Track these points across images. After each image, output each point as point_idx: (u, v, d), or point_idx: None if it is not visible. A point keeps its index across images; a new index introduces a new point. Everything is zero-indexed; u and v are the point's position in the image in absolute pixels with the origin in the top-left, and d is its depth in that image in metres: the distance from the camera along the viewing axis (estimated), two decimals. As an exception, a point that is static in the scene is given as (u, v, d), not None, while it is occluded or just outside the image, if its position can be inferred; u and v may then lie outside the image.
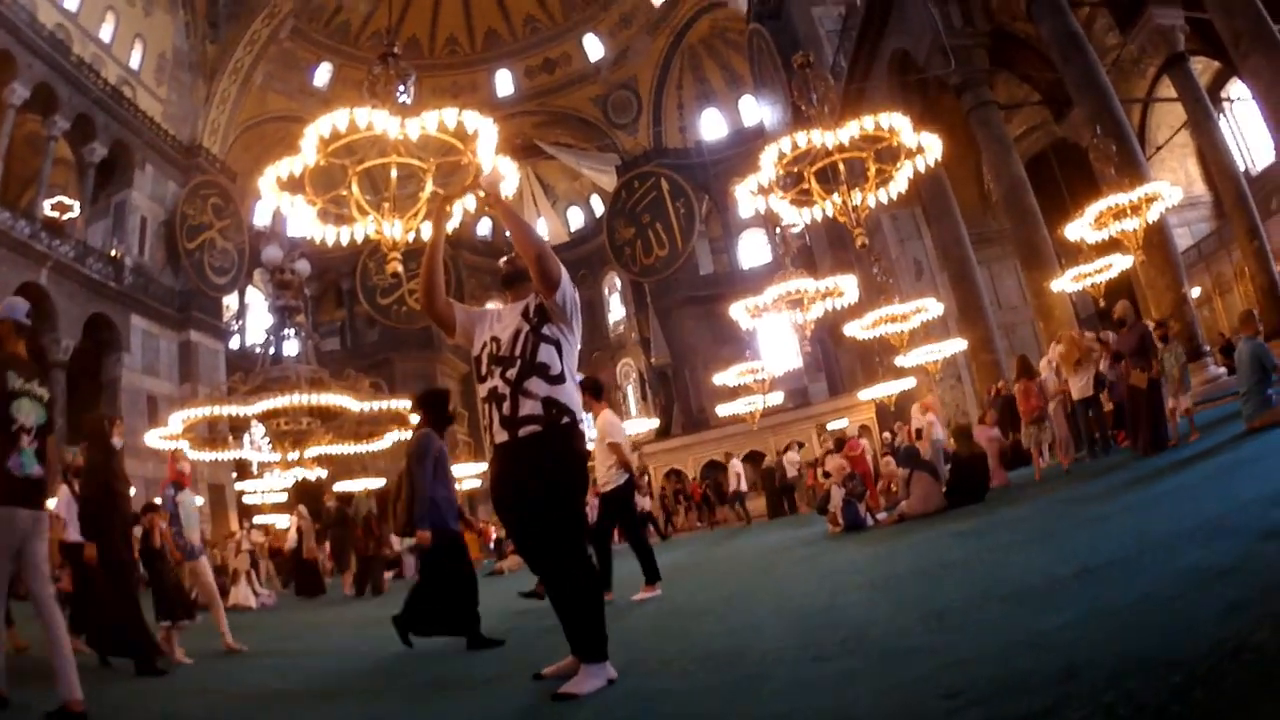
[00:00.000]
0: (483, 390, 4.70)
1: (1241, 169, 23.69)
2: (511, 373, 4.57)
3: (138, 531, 9.03)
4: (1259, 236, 20.05)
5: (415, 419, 9.10)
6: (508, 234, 4.88)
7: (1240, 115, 29.99)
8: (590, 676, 4.32)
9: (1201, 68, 24.91)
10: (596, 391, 9.76)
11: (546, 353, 4.62)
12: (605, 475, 9.65)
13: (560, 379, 4.61)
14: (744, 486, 28.86)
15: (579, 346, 4.95)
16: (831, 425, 33.57)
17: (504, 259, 5.19)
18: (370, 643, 8.31)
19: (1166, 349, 12.57)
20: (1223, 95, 29.23)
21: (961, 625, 4.41)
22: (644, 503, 26.98)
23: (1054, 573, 5.28)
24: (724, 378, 29.91)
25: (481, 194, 5.78)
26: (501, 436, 4.56)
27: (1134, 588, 4.21)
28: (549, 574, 4.62)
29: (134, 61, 40.86)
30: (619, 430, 9.72)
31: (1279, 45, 13.87)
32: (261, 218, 41.54)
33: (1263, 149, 28.67)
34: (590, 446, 8.68)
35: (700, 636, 5.91)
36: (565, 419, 4.55)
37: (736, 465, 29.72)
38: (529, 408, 4.50)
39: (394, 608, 7.66)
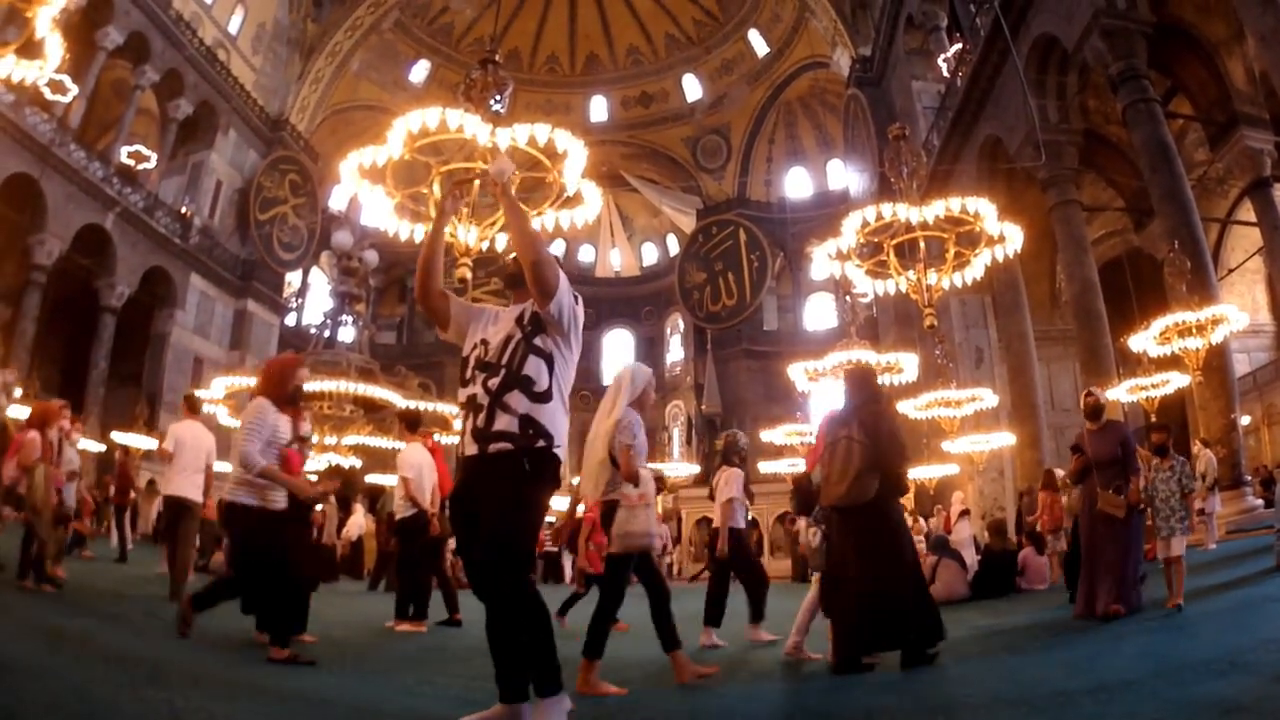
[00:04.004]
0: (462, 395, 4.37)
1: (1310, 302, 23.52)
2: (494, 382, 4.26)
3: None
4: (1318, 373, 19.83)
5: None
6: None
7: (1316, 247, 29.80)
8: (550, 712, 4.06)
9: (1284, 195, 24.75)
10: (412, 425, 11.07)
11: (534, 366, 4.28)
12: (399, 505, 10.20)
13: (545, 397, 4.26)
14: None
15: (574, 365, 4.55)
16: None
17: (512, 255, 4.72)
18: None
19: (1163, 464, 9.21)
20: (1301, 225, 29.08)
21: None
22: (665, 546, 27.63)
23: (1067, 686, 5.26)
24: (771, 435, 29.85)
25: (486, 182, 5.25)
26: (470, 449, 4.23)
27: (1144, 712, 4.20)
28: (492, 603, 4.10)
29: (233, 26, 41.19)
30: (413, 466, 10.08)
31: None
32: (337, 202, 41.67)
33: (1336, 286, 28.48)
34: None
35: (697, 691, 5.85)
36: (540, 442, 4.20)
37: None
38: (504, 423, 4.17)
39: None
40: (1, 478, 9.99)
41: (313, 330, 28.19)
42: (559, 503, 12.67)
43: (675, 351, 60.00)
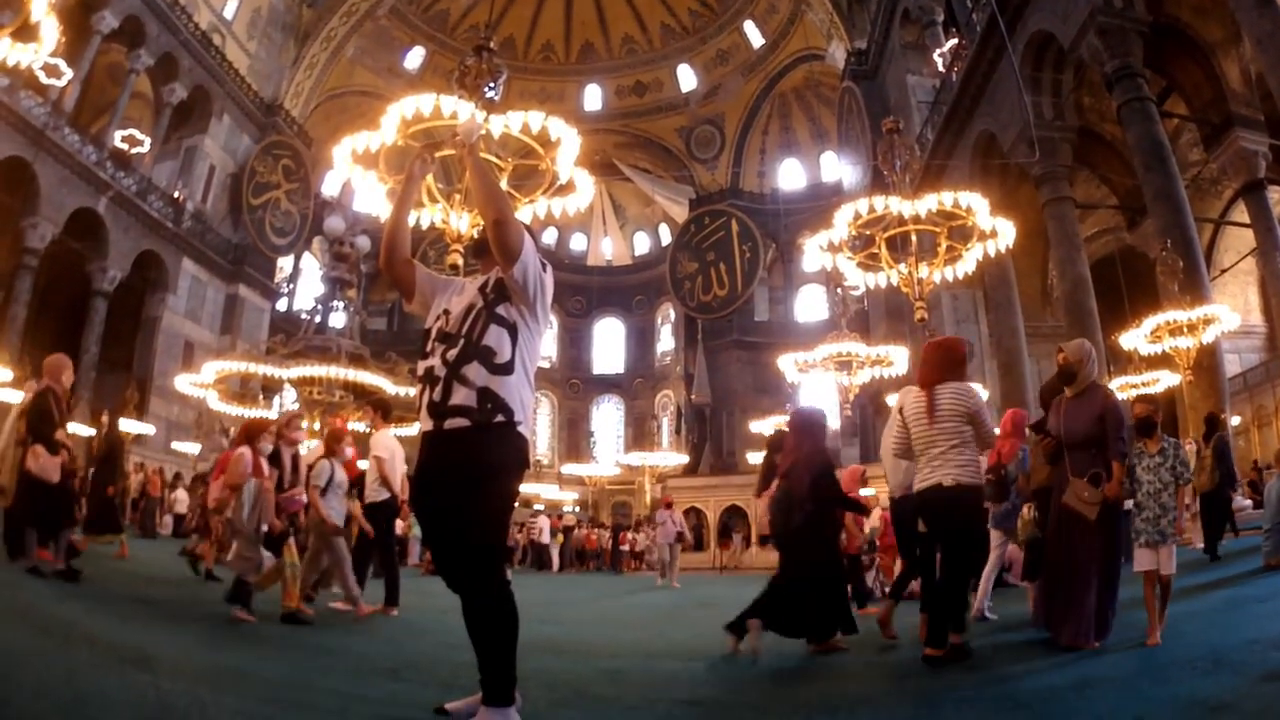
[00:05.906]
0: (420, 368, 4.13)
1: (1302, 304, 23.57)
2: (452, 353, 4.00)
3: None
4: (1309, 375, 19.84)
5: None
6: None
7: (1310, 249, 29.84)
8: None
9: (1277, 197, 24.76)
10: (385, 412, 11.24)
11: (496, 336, 4.01)
12: (371, 488, 10.28)
13: (506, 369, 3.98)
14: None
15: (541, 337, 4.31)
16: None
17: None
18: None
19: (1150, 447, 6.69)
20: (1295, 227, 29.14)
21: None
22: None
23: (1052, 682, 5.27)
24: (760, 426, 29.95)
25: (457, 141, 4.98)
26: (427, 425, 3.99)
27: (1129, 709, 4.22)
28: (462, 593, 3.88)
29: (228, 11, 41.02)
30: (387, 449, 10.21)
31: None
32: (330, 188, 41.65)
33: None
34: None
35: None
36: (499, 417, 3.93)
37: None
38: (461, 396, 3.92)
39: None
40: (207, 500, 9.90)
41: (304, 315, 28.09)
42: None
43: (666, 341, 60.48)
